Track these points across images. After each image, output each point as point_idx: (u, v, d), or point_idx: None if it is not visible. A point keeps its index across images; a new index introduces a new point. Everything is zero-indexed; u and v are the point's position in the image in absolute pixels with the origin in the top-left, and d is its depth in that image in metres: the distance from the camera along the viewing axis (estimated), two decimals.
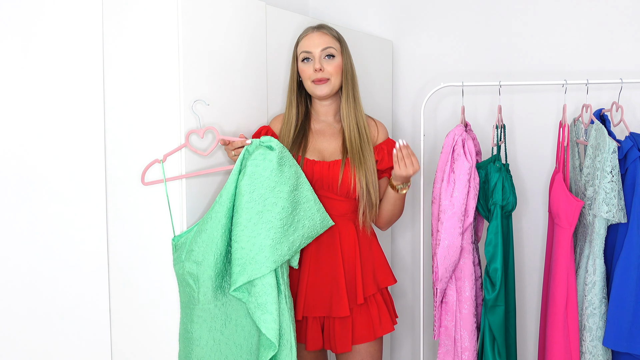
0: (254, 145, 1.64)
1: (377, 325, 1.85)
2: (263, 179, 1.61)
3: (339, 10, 2.80)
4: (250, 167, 1.60)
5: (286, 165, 1.65)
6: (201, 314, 1.63)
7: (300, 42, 1.85)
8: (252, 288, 1.61)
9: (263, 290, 1.60)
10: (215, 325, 1.65)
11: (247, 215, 1.59)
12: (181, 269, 1.62)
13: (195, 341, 1.63)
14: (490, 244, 1.92)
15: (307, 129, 1.87)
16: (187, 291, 1.63)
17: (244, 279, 1.59)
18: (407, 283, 2.79)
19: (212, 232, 1.60)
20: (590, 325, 1.87)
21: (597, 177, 1.83)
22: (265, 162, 1.61)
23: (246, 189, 1.59)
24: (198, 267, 1.60)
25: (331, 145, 1.87)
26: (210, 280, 1.61)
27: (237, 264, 1.60)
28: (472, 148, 1.93)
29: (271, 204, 1.61)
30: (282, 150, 1.65)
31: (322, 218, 1.72)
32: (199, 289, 1.61)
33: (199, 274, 1.61)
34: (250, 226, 1.59)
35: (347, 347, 1.81)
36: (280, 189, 1.62)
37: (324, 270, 1.81)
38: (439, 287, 1.96)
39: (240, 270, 1.59)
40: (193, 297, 1.62)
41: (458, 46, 2.58)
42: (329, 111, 1.90)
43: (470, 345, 1.96)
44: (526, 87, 2.44)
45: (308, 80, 1.83)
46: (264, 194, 1.60)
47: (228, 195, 1.61)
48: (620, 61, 2.29)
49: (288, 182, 1.64)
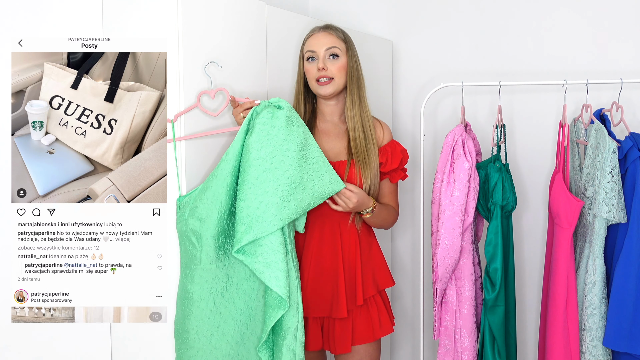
0: (262, 106, 1.64)
1: (377, 327, 1.85)
2: (271, 137, 1.60)
3: (339, 10, 2.80)
4: (258, 125, 1.61)
5: (294, 124, 1.65)
6: (203, 274, 1.62)
7: (306, 42, 1.86)
8: (259, 248, 1.60)
9: (272, 249, 1.59)
10: (216, 287, 1.64)
11: (254, 172, 1.59)
12: (184, 227, 1.61)
13: (195, 302, 1.62)
14: (490, 244, 1.92)
15: (313, 128, 1.88)
16: (189, 250, 1.62)
17: (250, 238, 1.58)
18: (407, 283, 2.79)
19: (217, 189, 1.60)
20: (590, 325, 1.87)
21: (597, 177, 1.83)
22: (274, 120, 1.61)
23: (254, 145, 1.59)
24: (201, 224, 1.59)
25: (336, 145, 1.87)
26: (213, 239, 1.60)
27: (243, 222, 1.58)
28: (472, 148, 1.93)
29: (279, 161, 1.61)
30: (290, 109, 1.65)
31: (331, 180, 1.69)
32: (202, 247, 1.60)
33: (202, 232, 1.59)
34: (257, 184, 1.59)
35: (346, 348, 1.81)
36: (288, 147, 1.62)
37: (325, 271, 1.81)
38: (439, 287, 1.96)
39: (246, 229, 1.58)
40: (195, 257, 1.61)
41: (458, 46, 2.58)
42: (335, 111, 1.90)
43: (470, 345, 1.96)
44: (526, 87, 2.44)
45: (312, 79, 1.83)
46: (272, 152, 1.60)
47: (235, 153, 1.61)
48: (620, 61, 2.29)
49: (296, 141, 1.64)
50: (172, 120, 1.62)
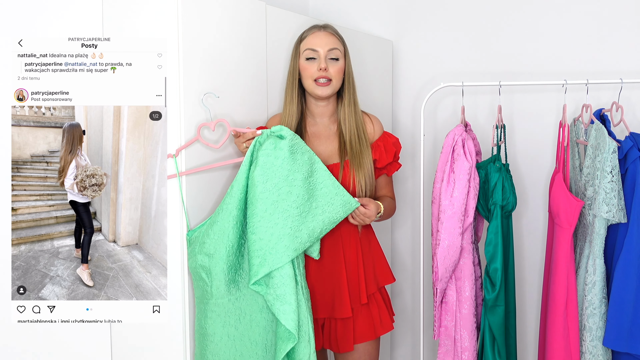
0: (264, 136, 1.64)
1: (378, 324, 1.85)
2: (275, 168, 1.61)
3: (339, 10, 2.80)
4: (262, 157, 1.61)
5: (298, 152, 1.65)
6: (215, 309, 1.63)
7: (306, 40, 1.83)
8: (270, 280, 1.60)
9: (281, 282, 1.60)
10: (229, 321, 1.65)
11: (262, 205, 1.59)
12: (194, 263, 1.62)
13: (209, 337, 1.63)
14: (490, 244, 1.92)
15: (303, 131, 1.86)
16: (200, 285, 1.63)
17: (265, 270, 1.58)
18: (407, 283, 2.79)
19: (224, 224, 1.60)
20: (590, 325, 1.87)
21: (597, 177, 1.83)
22: (277, 151, 1.61)
23: (259, 179, 1.59)
24: (210, 260, 1.60)
25: (328, 148, 1.86)
26: (223, 273, 1.61)
27: (257, 255, 1.59)
28: (472, 148, 1.93)
29: (286, 192, 1.61)
30: (293, 137, 1.64)
31: (343, 202, 1.68)
32: (212, 282, 1.61)
33: (211, 267, 1.61)
34: (266, 216, 1.59)
35: (349, 346, 1.82)
36: (294, 177, 1.62)
37: (326, 272, 1.81)
38: (439, 287, 1.96)
39: (261, 262, 1.58)
40: (206, 292, 1.62)
41: (458, 46, 2.58)
42: (325, 112, 1.88)
43: (470, 345, 1.96)
44: (526, 87, 2.44)
45: (310, 79, 1.81)
46: (277, 183, 1.60)
47: (239, 186, 1.61)
48: (620, 61, 2.29)
49: (301, 170, 1.64)
50: (175, 155, 1.62)
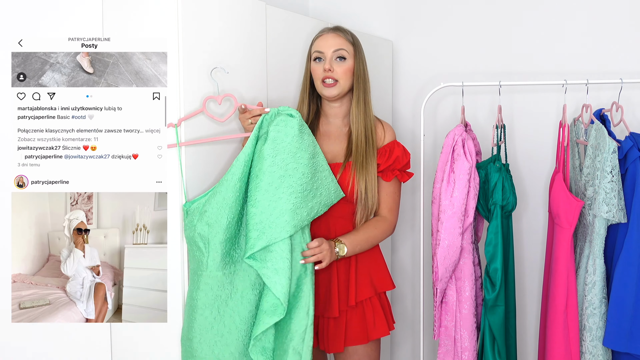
0: (272, 113, 1.66)
1: (371, 328, 1.84)
2: (285, 144, 1.63)
3: (339, 10, 2.80)
4: (272, 132, 1.63)
5: (305, 132, 1.68)
6: (208, 281, 1.63)
7: (315, 42, 1.86)
8: (268, 254, 1.61)
9: (281, 255, 1.61)
10: (221, 295, 1.65)
11: (268, 179, 1.61)
12: (192, 232, 1.62)
13: (199, 309, 1.63)
14: (490, 244, 1.92)
15: (315, 130, 1.89)
16: (196, 255, 1.63)
17: (263, 244, 1.59)
18: (407, 283, 2.79)
19: (227, 194, 1.61)
20: (590, 325, 1.87)
21: (597, 177, 1.83)
22: (287, 129, 1.64)
23: (269, 152, 1.61)
24: (210, 229, 1.61)
25: (335, 147, 1.87)
26: (221, 245, 1.62)
27: (255, 228, 1.60)
28: (472, 148, 1.93)
29: (292, 169, 1.63)
30: (301, 118, 1.69)
31: (335, 188, 1.75)
32: (209, 253, 1.62)
33: (210, 237, 1.61)
34: (271, 190, 1.61)
35: (339, 347, 1.82)
36: (301, 155, 1.65)
37: (319, 271, 1.81)
38: (439, 287, 1.96)
39: (259, 235, 1.59)
40: (202, 263, 1.63)
41: (458, 46, 2.58)
42: (338, 113, 1.90)
43: (470, 345, 1.96)
44: (526, 87, 2.44)
45: (318, 80, 1.84)
46: (285, 159, 1.63)
47: (245, 159, 1.63)
48: (620, 61, 2.29)
49: (308, 149, 1.67)
50: (177, 125, 1.62)
